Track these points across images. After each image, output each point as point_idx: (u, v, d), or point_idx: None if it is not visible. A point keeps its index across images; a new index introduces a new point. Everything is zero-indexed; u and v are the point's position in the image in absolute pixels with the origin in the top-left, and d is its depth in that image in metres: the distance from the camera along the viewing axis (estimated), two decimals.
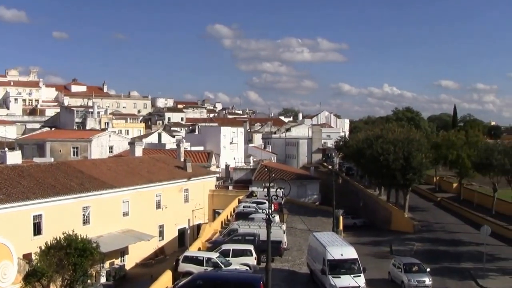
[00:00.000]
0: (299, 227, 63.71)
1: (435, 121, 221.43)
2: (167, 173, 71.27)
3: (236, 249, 43.24)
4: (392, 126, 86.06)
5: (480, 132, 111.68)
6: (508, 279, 45.98)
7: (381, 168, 72.42)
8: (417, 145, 73.43)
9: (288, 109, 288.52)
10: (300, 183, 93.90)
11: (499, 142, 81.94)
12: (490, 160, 72.94)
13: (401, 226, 73.04)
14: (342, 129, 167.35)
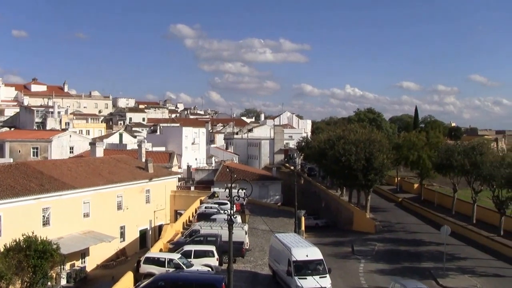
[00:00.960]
0: (261, 227, 63.61)
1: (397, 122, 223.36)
2: (129, 173, 70.55)
3: (198, 250, 42.97)
4: (354, 127, 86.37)
5: (441, 133, 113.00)
6: (468, 278, 46.49)
7: (343, 168, 72.67)
8: (378, 146, 73.82)
9: (250, 109, 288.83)
10: (262, 183, 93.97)
11: (459, 143, 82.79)
12: (450, 161, 73.69)
13: (362, 227, 73.45)
14: (304, 130, 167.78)
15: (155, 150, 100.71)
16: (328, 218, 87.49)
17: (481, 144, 75.34)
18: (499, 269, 50.03)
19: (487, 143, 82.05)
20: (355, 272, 48.45)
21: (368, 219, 74.40)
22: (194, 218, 62.87)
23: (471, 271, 48.82)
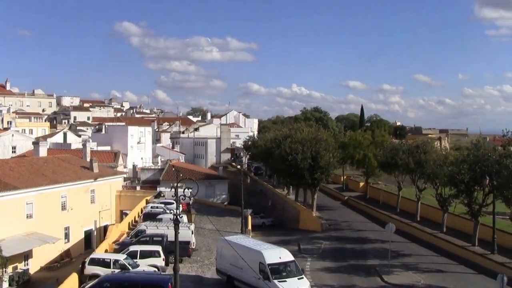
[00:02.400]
0: (207, 227, 63.39)
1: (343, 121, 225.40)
2: (73, 173, 69.33)
3: (144, 250, 42.57)
4: (301, 126, 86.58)
5: (386, 132, 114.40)
6: (412, 274, 47.15)
7: (289, 167, 72.87)
8: (324, 145, 74.26)
9: (197, 108, 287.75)
10: (208, 183, 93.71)
11: (403, 142, 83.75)
12: (395, 160, 74.53)
13: (309, 225, 73.82)
14: (251, 129, 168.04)
15: (100, 149, 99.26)
16: (274, 217, 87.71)
17: (425, 143, 76.42)
18: (442, 265, 50.95)
19: (431, 142, 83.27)
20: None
21: (314, 217, 74.81)
22: (140, 218, 62.30)
23: (415, 267, 49.54)
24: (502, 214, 59.89)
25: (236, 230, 67.19)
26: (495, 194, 50.80)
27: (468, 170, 53.07)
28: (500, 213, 57.50)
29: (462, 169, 53.28)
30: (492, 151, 52.67)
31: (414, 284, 44.16)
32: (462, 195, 55.00)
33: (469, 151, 57.51)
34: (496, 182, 49.46)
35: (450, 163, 58.22)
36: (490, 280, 42.99)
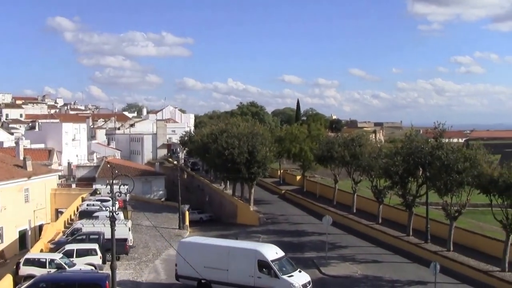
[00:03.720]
0: (145, 224, 62.91)
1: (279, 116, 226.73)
2: (5, 172, 67.73)
3: (80, 249, 41.96)
4: (237, 120, 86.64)
5: (322, 125, 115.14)
6: (349, 265, 47.77)
7: (226, 162, 72.86)
8: (261, 139, 74.50)
9: (132, 104, 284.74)
10: (145, 179, 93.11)
11: (339, 135, 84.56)
12: (331, 153, 75.12)
13: (246, 219, 73.94)
14: (187, 124, 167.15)
15: (34, 147, 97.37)
16: (212, 212, 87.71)
17: (360, 136, 77.30)
18: (378, 255, 51.78)
19: (366, 135, 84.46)
20: None
21: (252, 211, 74.98)
22: (76, 216, 61.40)
23: (352, 258, 50.21)
24: (435, 205, 61.11)
25: (173, 226, 66.93)
26: (428, 185, 51.88)
27: (402, 162, 54.00)
28: (433, 203, 58.70)
29: (396, 161, 54.18)
30: (424, 143, 53.69)
31: (351, 275, 44.77)
32: (397, 186, 55.94)
33: (403, 143, 58.44)
34: (429, 173, 50.51)
35: (385, 156, 59.18)
36: (424, 268, 43.95)
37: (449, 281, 42.32)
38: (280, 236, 62.32)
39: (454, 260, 46.60)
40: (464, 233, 52.19)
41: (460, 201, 48.70)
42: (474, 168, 46.16)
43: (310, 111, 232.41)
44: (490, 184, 42.71)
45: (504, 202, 42.20)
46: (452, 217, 49.16)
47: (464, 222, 54.93)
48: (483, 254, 47.83)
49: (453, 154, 48.34)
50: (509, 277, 41.28)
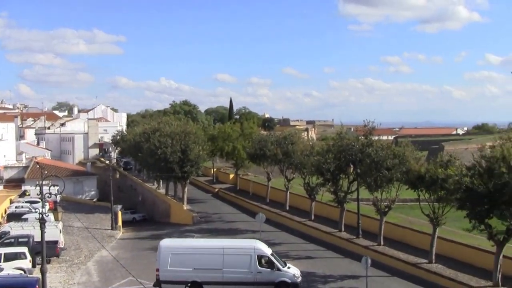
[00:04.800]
0: (76, 225, 62.06)
1: (212, 114, 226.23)
2: None
3: (8, 253, 41.01)
4: (170, 119, 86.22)
5: (255, 124, 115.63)
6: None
7: (159, 161, 72.43)
8: (194, 138, 74.39)
9: (63, 103, 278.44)
10: (76, 179, 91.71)
11: (272, 134, 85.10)
12: (264, 151, 75.56)
13: (180, 219, 73.74)
14: (120, 123, 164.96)
15: None
16: (145, 211, 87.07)
17: (292, 134, 77.89)
18: (311, 251, 52.48)
19: (298, 133, 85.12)
20: None
21: (185, 210, 74.77)
22: (4, 219, 59.98)
23: (286, 255, 50.50)
24: (366, 200, 62.42)
25: (106, 227, 66.27)
26: (359, 182, 52.87)
27: (334, 160, 54.83)
28: (364, 199, 59.88)
29: (328, 159, 54.95)
30: (355, 141, 54.60)
31: None
32: (329, 183, 56.79)
33: (334, 141, 59.21)
34: (359, 170, 51.49)
35: (317, 153, 59.91)
36: (355, 263, 44.72)
37: (380, 274, 43.27)
38: (214, 234, 62.36)
39: (385, 254, 47.70)
40: (394, 227, 53.42)
41: (390, 196, 49.89)
42: (402, 164, 47.31)
43: (243, 109, 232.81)
44: (417, 180, 43.84)
45: (431, 196, 43.48)
46: (382, 212, 50.24)
47: (394, 217, 56.12)
48: (412, 247, 49.11)
49: (383, 151, 49.43)
50: (435, 268, 42.53)
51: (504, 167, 34.03)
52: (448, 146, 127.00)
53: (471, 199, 35.33)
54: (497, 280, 36.92)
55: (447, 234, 48.44)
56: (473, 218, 36.06)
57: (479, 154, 36.87)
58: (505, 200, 34.20)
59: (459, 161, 42.63)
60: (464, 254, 44.66)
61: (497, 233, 36.83)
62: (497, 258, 36.95)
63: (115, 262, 44.18)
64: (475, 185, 34.94)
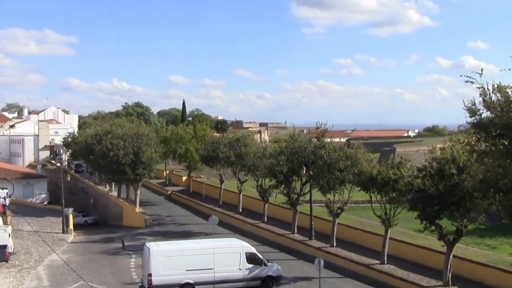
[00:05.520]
0: (26, 229, 60.90)
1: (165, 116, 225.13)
2: None
3: None
4: (122, 121, 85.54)
5: (208, 126, 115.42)
6: None
7: (111, 163, 71.67)
8: (146, 140, 73.90)
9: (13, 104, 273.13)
10: (26, 182, 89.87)
11: (225, 136, 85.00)
12: (217, 153, 75.40)
13: (132, 221, 73.13)
14: (71, 125, 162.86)
15: None
16: (97, 214, 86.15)
17: (245, 136, 77.93)
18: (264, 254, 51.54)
19: (251, 135, 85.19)
20: (127, 268, 48.07)
21: (137, 213, 74.21)
22: None
23: None
24: (319, 202, 62.65)
25: (57, 230, 65.30)
26: (311, 184, 53.12)
27: (286, 162, 55.03)
28: (317, 201, 60.18)
29: (281, 161, 55.12)
30: (308, 143, 54.92)
31: None
32: (281, 185, 56.96)
33: (287, 143, 59.47)
34: (312, 172, 51.75)
35: (270, 155, 60.06)
36: (308, 265, 44.86)
37: (333, 276, 43.58)
38: (166, 237, 61.92)
39: (337, 255, 48.04)
40: (346, 229, 53.89)
41: (342, 198, 50.28)
42: (355, 166, 47.73)
43: (196, 111, 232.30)
44: (369, 181, 44.24)
45: (383, 198, 43.94)
46: (334, 214, 50.62)
47: (346, 219, 56.57)
48: (364, 248, 49.60)
49: (335, 153, 49.79)
50: (387, 269, 42.98)
51: (454, 168, 34.62)
52: (399, 148, 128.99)
53: (422, 200, 35.79)
54: (448, 280, 37.49)
55: (399, 235, 49.11)
56: (424, 219, 36.51)
57: (430, 156, 37.40)
58: (455, 201, 34.81)
59: (410, 163, 43.17)
60: (416, 255, 45.31)
61: (447, 234, 37.49)
62: (447, 258, 37.53)
63: (66, 266, 43.53)
64: (426, 186, 35.45)
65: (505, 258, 40.09)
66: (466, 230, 37.39)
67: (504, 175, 26.51)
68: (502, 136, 25.99)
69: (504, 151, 25.63)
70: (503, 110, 25.76)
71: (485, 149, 27.72)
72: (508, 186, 27.11)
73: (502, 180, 27.00)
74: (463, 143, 31.54)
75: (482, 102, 26.90)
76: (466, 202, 34.58)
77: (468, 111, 27.66)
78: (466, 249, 45.88)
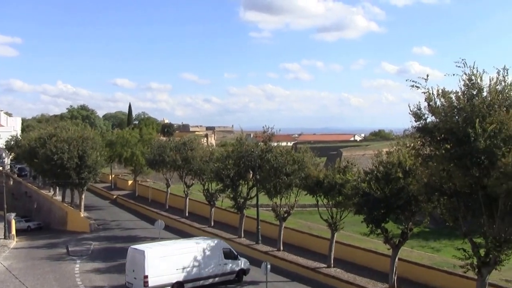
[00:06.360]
0: None
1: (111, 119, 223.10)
2: None
3: None
4: (67, 124, 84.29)
5: (154, 130, 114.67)
6: None
7: (55, 167, 70.39)
8: (92, 144, 72.87)
9: None
10: None
11: (171, 139, 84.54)
12: (163, 157, 74.95)
13: (77, 226, 72.00)
14: (14, 128, 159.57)
15: None
16: (41, 219, 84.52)
17: (192, 140, 77.64)
18: None
19: (198, 139, 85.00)
20: (71, 274, 47.21)
21: (82, 218, 73.09)
22: None
23: None
24: (266, 206, 62.85)
25: None
26: (258, 188, 53.10)
27: (233, 166, 54.95)
28: (263, 205, 60.36)
29: (228, 165, 55.02)
30: (255, 147, 54.89)
31: None
32: (228, 189, 56.76)
33: (234, 147, 59.40)
34: (259, 176, 51.74)
35: (216, 159, 59.90)
36: (255, 269, 44.42)
37: (280, 280, 43.55)
38: (112, 242, 61.31)
39: (284, 259, 48.15)
40: (293, 232, 54.05)
41: (289, 202, 50.42)
42: (301, 170, 47.84)
43: (142, 115, 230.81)
44: (316, 186, 44.43)
45: (329, 202, 44.20)
46: (281, 218, 50.74)
47: (293, 222, 56.79)
48: (311, 252, 49.84)
49: (282, 157, 49.71)
50: (334, 273, 43.28)
51: (400, 172, 34.98)
52: (346, 152, 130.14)
53: (368, 203, 36.03)
54: (393, 282, 37.87)
55: (345, 238, 49.46)
56: (370, 223, 36.77)
57: (376, 160, 37.74)
58: (400, 205, 35.14)
59: (357, 167, 43.54)
60: (362, 258, 45.72)
61: (392, 237, 37.86)
62: (393, 261, 37.93)
63: (7, 273, 42.63)
64: (372, 190, 35.71)
65: (449, 260, 40.60)
66: (411, 233, 37.91)
67: (448, 178, 26.92)
68: (446, 140, 26.42)
69: (448, 155, 26.05)
70: (447, 115, 26.21)
71: (429, 153, 28.12)
72: (452, 189, 27.53)
73: (446, 183, 27.40)
74: (409, 147, 31.92)
75: (427, 107, 27.30)
76: (411, 205, 34.98)
77: (413, 115, 27.99)
78: (411, 252, 46.54)
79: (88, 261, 52.66)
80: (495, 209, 26.47)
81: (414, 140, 29.55)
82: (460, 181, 26.37)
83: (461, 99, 26.05)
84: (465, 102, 25.81)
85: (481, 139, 24.76)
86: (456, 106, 26.16)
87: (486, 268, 27.99)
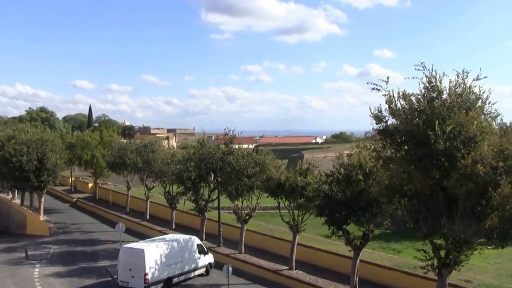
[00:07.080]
0: None
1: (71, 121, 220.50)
2: None
3: None
4: (26, 126, 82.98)
5: (114, 132, 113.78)
6: None
7: (13, 170, 69.23)
8: (51, 146, 71.91)
9: None
10: None
11: (132, 142, 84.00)
12: (124, 159, 74.42)
13: (36, 230, 70.88)
14: None
15: None
16: None
17: (153, 142, 77.34)
18: None
19: (159, 141, 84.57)
20: (30, 278, 46.47)
21: (42, 221, 72.04)
22: None
23: None
24: (227, 209, 62.82)
25: None
26: (219, 190, 52.97)
27: (195, 168, 54.73)
28: (225, 207, 60.31)
29: (189, 167, 54.82)
30: (216, 149, 54.80)
31: None
32: (189, 192, 56.52)
33: (195, 149, 59.24)
34: (220, 178, 51.60)
35: (178, 162, 59.69)
36: (217, 272, 44.66)
37: (242, 282, 43.56)
38: (72, 245, 60.59)
39: (246, 262, 48.10)
40: (255, 235, 54.09)
41: (251, 204, 50.46)
42: (263, 172, 47.88)
43: (102, 117, 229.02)
44: (278, 188, 44.54)
45: (291, 204, 44.35)
46: (243, 220, 50.73)
47: (255, 225, 56.80)
48: (273, 254, 49.93)
49: (244, 159, 49.69)
50: (296, 275, 43.42)
51: (361, 174, 35.19)
52: (307, 154, 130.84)
53: (330, 206, 36.17)
54: (355, 284, 38.05)
55: (307, 240, 49.65)
56: (332, 225, 36.89)
57: (337, 162, 37.89)
58: (361, 206, 35.34)
59: (318, 169, 43.72)
60: (323, 260, 45.94)
61: (354, 239, 38.07)
62: (355, 263, 38.13)
63: None
64: (333, 192, 35.91)
65: (409, 261, 40.97)
66: (373, 235, 38.22)
67: (408, 180, 27.16)
68: (407, 142, 26.66)
69: (408, 157, 26.27)
70: (408, 117, 26.44)
71: (390, 156, 28.34)
72: (412, 191, 27.79)
73: (407, 185, 27.66)
74: (370, 149, 32.11)
75: (388, 109, 27.51)
76: (372, 207, 35.18)
77: (374, 118, 28.18)
78: (373, 254, 46.86)
79: (47, 265, 51.92)
80: (455, 211, 26.77)
81: (375, 142, 29.75)
82: (421, 183, 26.63)
83: (421, 101, 26.30)
84: (425, 105, 26.06)
85: (440, 141, 25.04)
86: (416, 109, 26.41)
87: (446, 269, 28.30)
